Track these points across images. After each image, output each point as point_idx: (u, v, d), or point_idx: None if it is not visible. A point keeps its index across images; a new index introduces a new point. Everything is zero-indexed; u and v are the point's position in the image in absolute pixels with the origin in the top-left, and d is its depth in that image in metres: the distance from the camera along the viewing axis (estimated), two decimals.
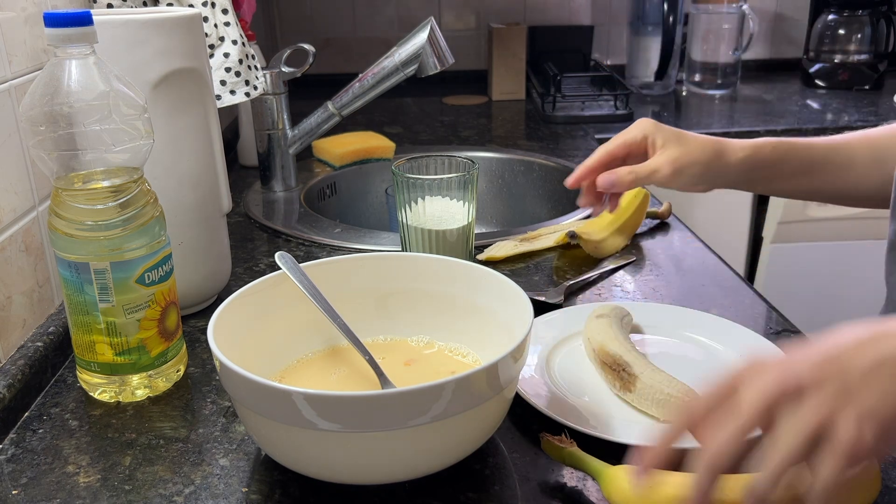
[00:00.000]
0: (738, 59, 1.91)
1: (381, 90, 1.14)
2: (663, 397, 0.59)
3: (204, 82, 0.76)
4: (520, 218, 1.36)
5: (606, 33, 2.13)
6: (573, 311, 0.77)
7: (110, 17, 0.69)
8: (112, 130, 0.59)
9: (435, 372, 0.64)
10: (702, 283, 0.87)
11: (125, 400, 0.66)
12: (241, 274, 0.91)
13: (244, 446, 0.60)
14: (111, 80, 0.60)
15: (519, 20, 2.08)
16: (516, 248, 0.94)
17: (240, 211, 1.13)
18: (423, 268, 0.67)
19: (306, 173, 1.29)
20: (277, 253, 0.65)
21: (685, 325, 0.74)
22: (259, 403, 0.50)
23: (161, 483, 0.56)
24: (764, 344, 0.69)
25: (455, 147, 1.46)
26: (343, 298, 0.66)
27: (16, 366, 0.65)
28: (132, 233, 0.62)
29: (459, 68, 1.78)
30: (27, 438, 0.61)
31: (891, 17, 1.92)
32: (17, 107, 0.70)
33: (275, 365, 0.64)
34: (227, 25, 0.97)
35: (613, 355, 0.63)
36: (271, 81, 1.14)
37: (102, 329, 0.63)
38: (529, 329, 0.54)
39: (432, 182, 0.80)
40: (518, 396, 0.62)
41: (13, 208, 0.70)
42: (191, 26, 0.73)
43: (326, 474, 0.53)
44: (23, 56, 0.72)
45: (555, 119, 1.67)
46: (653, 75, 1.89)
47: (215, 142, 0.79)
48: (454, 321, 0.66)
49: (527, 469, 0.57)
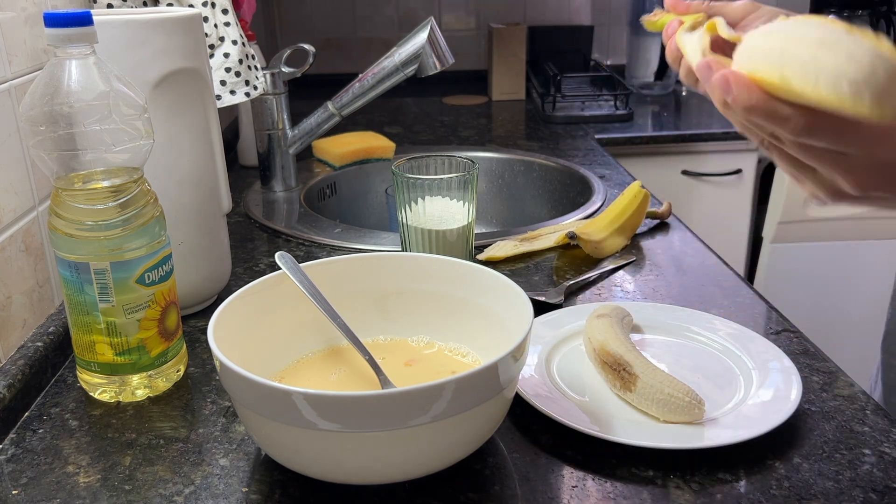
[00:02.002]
0: None
1: (381, 90, 1.14)
2: (664, 397, 0.59)
3: (204, 82, 0.76)
4: (520, 218, 1.36)
5: (606, 33, 2.13)
6: (573, 311, 0.77)
7: (110, 17, 0.69)
8: (112, 130, 0.59)
9: (435, 372, 0.63)
10: (702, 283, 0.87)
11: (125, 400, 0.66)
12: (241, 274, 0.91)
13: (244, 446, 0.60)
14: (111, 80, 0.60)
15: (519, 20, 2.08)
16: (516, 248, 0.94)
17: (240, 211, 1.13)
18: (423, 268, 0.67)
19: (306, 173, 1.29)
20: (277, 253, 0.65)
21: (685, 325, 0.74)
22: (259, 403, 0.50)
23: (161, 483, 0.56)
24: (764, 344, 0.69)
25: (455, 147, 1.46)
26: (343, 298, 0.66)
27: (16, 366, 0.65)
28: (132, 233, 0.62)
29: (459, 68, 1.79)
30: (27, 438, 0.61)
31: (891, 17, 1.92)
32: (17, 107, 0.70)
33: (275, 365, 0.64)
34: (227, 25, 0.97)
35: (614, 355, 0.63)
36: (271, 81, 1.14)
37: (102, 329, 0.63)
38: (529, 329, 0.54)
39: (432, 182, 0.80)
40: (518, 396, 0.62)
41: (13, 208, 0.70)
42: (191, 26, 0.73)
43: (326, 474, 0.53)
44: (23, 56, 0.72)
45: (555, 119, 1.67)
46: (653, 75, 1.90)
47: (215, 142, 0.79)
48: (454, 321, 0.66)
49: (527, 469, 0.57)
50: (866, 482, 0.54)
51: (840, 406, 0.63)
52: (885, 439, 0.59)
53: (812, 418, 0.62)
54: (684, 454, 0.57)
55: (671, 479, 0.55)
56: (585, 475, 0.56)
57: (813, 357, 0.71)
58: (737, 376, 0.66)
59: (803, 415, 0.62)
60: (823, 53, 0.40)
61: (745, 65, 0.44)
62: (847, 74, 0.39)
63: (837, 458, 0.57)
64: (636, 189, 0.99)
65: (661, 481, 0.55)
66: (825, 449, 0.58)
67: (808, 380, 0.67)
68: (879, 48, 0.39)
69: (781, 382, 0.63)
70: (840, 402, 0.64)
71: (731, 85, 0.44)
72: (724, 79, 0.44)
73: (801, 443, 0.59)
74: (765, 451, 0.58)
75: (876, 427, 0.60)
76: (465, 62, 2.08)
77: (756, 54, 0.44)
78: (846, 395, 0.65)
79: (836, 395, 0.65)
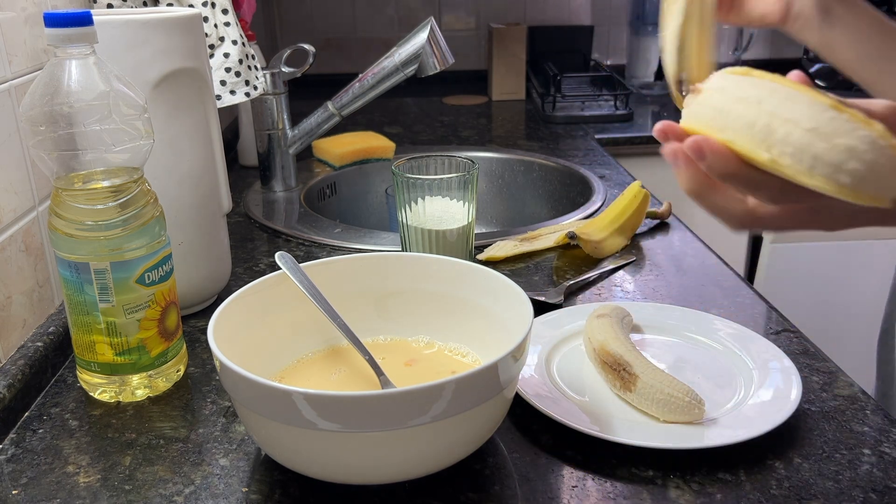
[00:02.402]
0: (739, 59, 1.91)
1: (381, 90, 1.14)
2: (664, 397, 0.59)
3: (204, 82, 0.76)
4: (520, 218, 1.36)
5: (606, 33, 2.13)
6: (573, 311, 0.77)
7: (110, 17, 0.69)
8: (112, 130, 0.59)
9: (435, 372, 0.63)
10: (702, 283, 0.87)
11: (125, 400, 0.66)
12: (241, 274, 0.91)
13: (244, 446, 0.60)
14: (111, 80, 0.60)
15: (519, 20, 2.08)
16: (516, 248, 0.94)
17: (240, 211, 1.13)
18: (423, 268, 0.67)
19: (306, 173, 1.29)
20: (277, 253, 0.65)
21: (685, 325, 0.74)
22: (259, 403, 0.50)
23: (161, 483, 0.56)
24: (764, 344, 0.69)
25: (455, 147, 1.46)
26: (343, 298, 0.66)
27: (16, 366, 0.65)
28: (132, 233, 0.62)
29: (459, 68, 1.79)
30: (27, 438, 0.61)
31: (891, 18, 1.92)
32: (17, 107, 0.70)
33: (275, 365, 0.64)
34: (227, 25, 0.97)
35: (614, 355, 0.63)
36: (271, 81, 1.14)
37: (102, 329, 0.63)
38: (529, 329, 0.54)
39: (432, 182, 0.80)
40: (518, 396, 0.62)
41: (13, 208, 0.70)
42: (191, 26, 0.73)
43: (326, 474, 0.53)
44: (23, 56, 0.72)
45: (555, 119, 1.67)
46: (653, 75, 1.90)
47: (215, 142, 0.79)
48: (454, 321, 0.66)
49: (527, 469, 0.57)
50: (866, 482, 0.54)
51: (840, 406, 0.63)
52: (885, 439, 0.59)
53: (812, 418, 0.62)
54: (684, 454, 0.57)
55: (671, 479, 0.55)
56: (585, 475, 0.56)
57: (813, 357, 0.71)
58: (737, 376, 0.66)
59: (803, 415, 0.62)
60: (818, 143, 0.38)
61: (716, 125, 0.42)
62: (846, 168, 0.38)
63: (837, 458, 0.57)
64: (636, 189, 0.99)
65: (661, 481, 0.55)
66: (825, 449, 0.58)
67: (808, 380, 0.67)
68: (876, 136, 0.38)
69: (781, 382, 0.63)
70: (840, 401, 0.64)
71: (704, 152, 0.42)
72: (697, 145, 0.42)
73: (801, 443, 0.59)
74: (765, 451, 0.58)
75: (876, 427, 0.60)
76: (465, 62, 2.08)
77: (732, 121, 0.41)
78: (846, 395, 0.65)
79: (836, 395, 0.65)
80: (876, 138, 0.38)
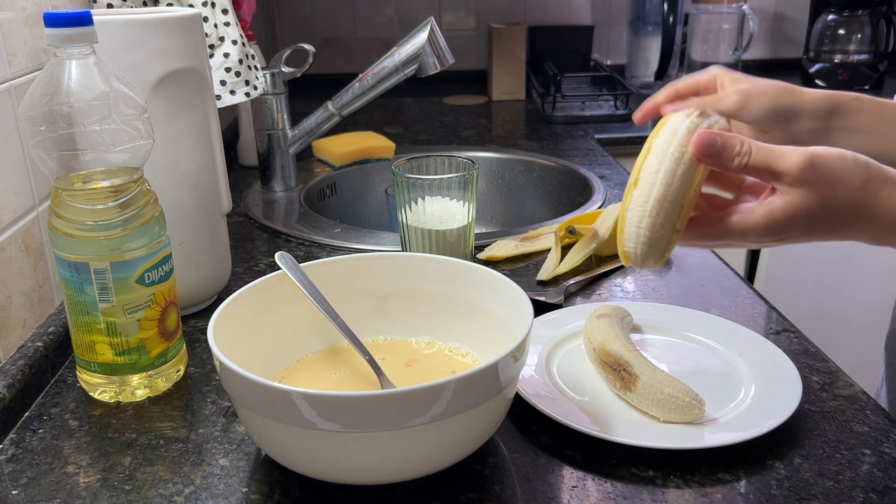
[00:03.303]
0: (739, 59, 1.91)
1: (381, 90, 1.14)
2: (664, 397, 0.59)
3: (204, 82, 0.76)
4: (520, 218, 1.36)
5: (606, 33, 2.13)
6: (573, 311, 0.77)
7: (110, 17, 0.69)
8: (112, 130, 0.59)
9: (435, 372, 0.63)
10: (702, 283, 0.87)
11: (125, 400, 0.66)
12: (241, 274, 0.91)
13: (244, 446, 0.60)
14: (111, 80, 0.60)
15: (519, 20, 2.08)
16: (516, 248, 0.94)
17: (240, 211, 1.13)
18: (423, 268, 0.67)
19: (306, 173, 1.29)
20: (277, 253, 0.65)
21: (685, 325, 0.74)
22: (259, 403, 0.50)
23: (161, 483, 0.56)
24: (764, 344, 0.69)
25: (455, 147, 1.46)
26: (343, 298, 0.66)
27: (16, 366, 0.65)
28: (132, 233, 0.62)
29: (459, 68, 1.79)
30: (27, 438, 0.61)
31: (891, 17, 1.92)
32: (17, 107, 0.70)
33: (275, 365, 0.64)
34: (227, 25, 0.97)
35: (614, 355, 0.63)
36: (271, 81, 1.14)
37: (102, 329, 0.63)
38: (529, 329, 0.54)
39: (432, 182, 0.80)
40: (518, 396, 0.62)
41: (13, 208, 0.70)
42: (191, 26, 0.73)
43: (326, 474, 0.53)
44: (23, 56, 0.72)
45: (555, 119, 1.67)
46: (653, 75, 1.90)
47: (215, 142, 0.79)
48: (454, 321, 0.66)
49: (527, 469, 0.57)
50: (866, 482, 0.54)
51: (840, 406, 0.63)
52: (885, 439, 0.59)
53: (812, 418, 0.62)
54: (684, 454, 0.57)
55: (671, 479, 0.55)
56: (585, 475, 0.56)
57: (813, 357, 0.71)
58: (736, 376, 0.66)
59: (803, 415, 0.62)
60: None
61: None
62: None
63: (837, 458, 0.57)
64: None
65: (661, 481, 0.55)
66: (825, 449, 0.58)
67: (808, 380, 0.67)
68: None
69: (781, 383, 0.63)
70: (840, 402, 0.64)
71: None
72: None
73: (801, 443, 0.59)
74: (765, 451, 0.58)
75: (876, 427, 0.60)
76: (465, 62, 2.08)
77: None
78: (846, 395, 0.65)
79: (836, 395, 0.65)
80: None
